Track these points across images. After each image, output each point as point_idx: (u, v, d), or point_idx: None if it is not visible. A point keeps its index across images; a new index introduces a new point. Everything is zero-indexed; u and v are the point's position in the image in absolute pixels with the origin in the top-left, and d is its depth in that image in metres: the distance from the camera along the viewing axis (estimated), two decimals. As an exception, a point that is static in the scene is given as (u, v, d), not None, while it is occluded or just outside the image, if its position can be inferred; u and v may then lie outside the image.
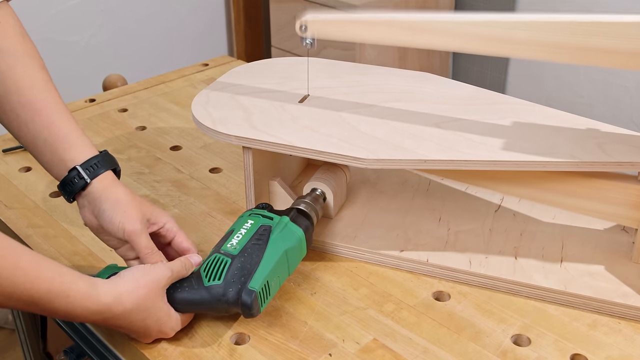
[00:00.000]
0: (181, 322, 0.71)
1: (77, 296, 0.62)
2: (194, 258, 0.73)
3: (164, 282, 0.68)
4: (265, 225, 0.73)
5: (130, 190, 0.76)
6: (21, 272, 0.59)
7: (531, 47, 0.70)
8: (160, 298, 0.68)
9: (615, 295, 0.74)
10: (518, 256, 0.80)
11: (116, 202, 0.73)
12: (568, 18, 0.67)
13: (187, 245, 0.76)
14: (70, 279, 0.63)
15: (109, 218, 0.72)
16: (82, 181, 0.73)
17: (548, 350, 0.69)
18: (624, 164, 0.72)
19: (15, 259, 0.59)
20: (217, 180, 1.00)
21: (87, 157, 0.74)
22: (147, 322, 0.68)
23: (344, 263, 0.82)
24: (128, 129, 1.15)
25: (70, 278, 0.63)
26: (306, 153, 0.78)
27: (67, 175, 0.74)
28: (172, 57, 2.35)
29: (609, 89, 1.98)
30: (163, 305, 0.68)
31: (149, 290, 0.67)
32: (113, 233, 0.73)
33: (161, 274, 0.68)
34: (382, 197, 0.92)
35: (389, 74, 0.96)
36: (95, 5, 2.13)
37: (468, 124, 0.81)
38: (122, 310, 0.65)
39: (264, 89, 0.92)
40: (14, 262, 0.59)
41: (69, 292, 0.62)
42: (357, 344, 0.70)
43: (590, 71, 2.00)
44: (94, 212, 0.74)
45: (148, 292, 0.67)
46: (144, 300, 0.66)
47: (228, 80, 0.95)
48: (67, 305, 0.62)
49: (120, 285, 0.66)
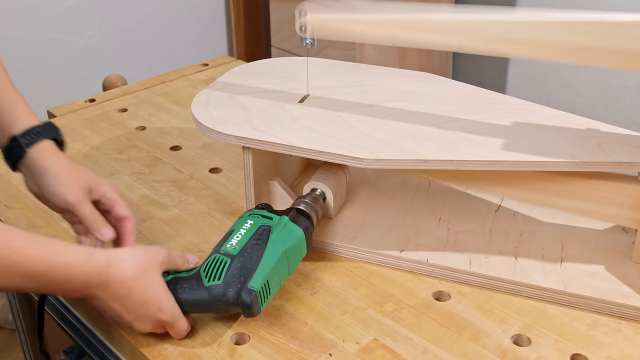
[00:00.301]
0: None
1: (75, 262, 0.63)
2: (190, 257, 0.74)
3: (161, 257, 0.69)
4: (264, 225, 0.73)
5: (70, 159, 0.76)
6: (12, 250, 0.60)
7: (531, 46, 0.70)
8: (158, 274, 0.68)
9: (615, 295, 0.74)
10: (518, 256, 0.80)
11: (57, 173, 0.74)
12: (568, 18, 0.67)
13: (125, 214, 0.77)
14: (64, 247, 0.63)
15: (51, 189, 0.74)
16: (19, 149, 0.74)
17: (548, 350, 0.69)
18: (623, 164, 0.72)
19: (5, 238, 0.60)
20: (217, 180, 1.00)
21: (27, 126, 0.75)
22: (147, 295, 0.67)
23: (344, 263, 0.82)
24: (128, 129, 1.15)
25: (64, 246, 0.63)
26: (306, 153, 0.78)
27: (7, 145, 0.75)
28: (172, 57, 2.35)
29: (609, 89, 1.98)
30: (162, 283, 0.68)
31: (148, 259, 0.67)
32: (57, 203, 0.74)
33: (158, 249, 0.69)
34: (382, 197, 0.92)
35: (389, 74, 0.96)
36: (94, 5, 2.13)
37: (468, 124, 0.81)
38: (121, 275, 0.65)
39: (264, 89, 0.92)
40: (4, 241, 0.59)
41: (66, 259, 0.62)
42: (357, 344, 0.70)
43: (591, 71, 2.00)
44: (35, 181, 0.76)
45: (147, 260, 0.67)
46: (143, 267, 0.66)
47: (228, 80, 0.95)
48: (66, 273, 0.62)
49: (118, 252, 0.67)
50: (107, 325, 0.74)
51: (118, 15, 2.20)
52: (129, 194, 0.97)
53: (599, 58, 0.68)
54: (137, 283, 0.66)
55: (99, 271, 0.64)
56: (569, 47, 0.68)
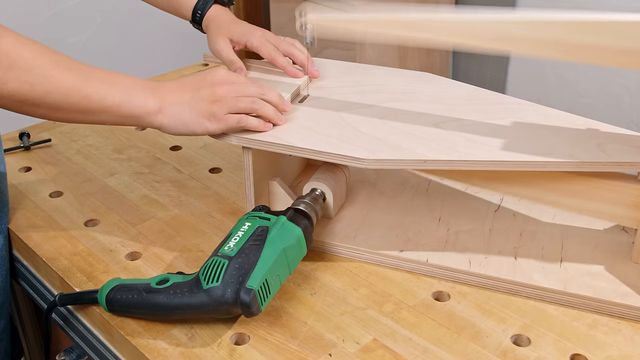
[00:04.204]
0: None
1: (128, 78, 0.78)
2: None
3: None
4: (262, 226, 0.74)
5: (230, 18, 0.96)
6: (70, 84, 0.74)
7: (531, 45, 0.70)
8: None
9: (615, 295, 0.74)
10: (518, 256, 0.80)
11: (212, 29, 0.95)
12: (568, 17, 0.67)
13: (268, 57, 0.93)
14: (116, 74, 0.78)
15: (208, 43, 0.95)
16: (199, 17, 0.98)
17: (548, 350, 0.69)
18: (623, 164, 0.72)
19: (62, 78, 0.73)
20: (217, 181, 1.00)
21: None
22: (197, 75, 0.80)
23: (344, 263, 0.82)
24: (128, 129, 1.15)
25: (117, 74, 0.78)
26: (306, 153, 0.78)
27: (192, 17, 0.98)
28: (172, 57, 2.35)
29: (608, 88, 1.98)
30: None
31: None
32: (212, 51, 0.96)
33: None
34: (382, 197, 0.92)
35: (389, 74, 0.96)
36: (94, 5, 2.13)
37: (468, 124, 0.81)
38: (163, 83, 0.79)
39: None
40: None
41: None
42: (357, 344, 0.70)
43: (591, 71, 1.99)
44: (208, 37, 0.97)
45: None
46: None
47: (228, 80, 0.95)
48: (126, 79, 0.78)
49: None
50: (108, 325, 0.75)
51: (118, 15, 2.19)
52: (129, 194, 0.97)
53: (599, 56, 0.68)
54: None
55: (149, 86, 0.78)
56: (568, 45, 0.68)
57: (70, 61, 0.75)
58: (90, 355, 0.81)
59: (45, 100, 0.72)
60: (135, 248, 0.85)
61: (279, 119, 0.81)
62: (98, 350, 0.78)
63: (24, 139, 1.11)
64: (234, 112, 0.78)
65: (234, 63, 0.93)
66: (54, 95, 0.72)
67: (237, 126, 0.79)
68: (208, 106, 0.78)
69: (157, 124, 0.78)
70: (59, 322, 0.84)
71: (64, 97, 0.73)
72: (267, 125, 0.80)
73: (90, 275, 0.81)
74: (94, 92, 0.74)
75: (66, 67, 0.74)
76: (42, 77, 0.71)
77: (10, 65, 0.70)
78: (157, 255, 0.84)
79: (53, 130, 1.16)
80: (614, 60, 0.68)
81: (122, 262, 0.83)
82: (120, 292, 0.72)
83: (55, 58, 0.73)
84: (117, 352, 0.75)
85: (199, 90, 0.78)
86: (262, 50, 0.93)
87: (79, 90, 0.73)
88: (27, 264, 0.90)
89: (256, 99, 0.79)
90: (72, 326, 0.81)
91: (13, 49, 0.70)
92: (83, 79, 0.74)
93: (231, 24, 0.95)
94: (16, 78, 0.70)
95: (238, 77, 0.82)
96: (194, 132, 0.79)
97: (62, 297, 0.77)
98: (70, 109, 0.74)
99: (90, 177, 1.02)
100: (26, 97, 0.71)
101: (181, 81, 0.80)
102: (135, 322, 0.73)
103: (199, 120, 0.78)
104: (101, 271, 0.81)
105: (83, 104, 0.74)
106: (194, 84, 0.79)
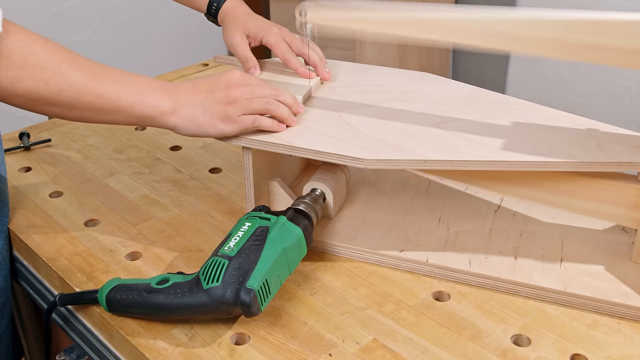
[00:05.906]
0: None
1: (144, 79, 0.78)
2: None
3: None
4: (262, 226, 0.74)
5: (246, 11, 0.97)
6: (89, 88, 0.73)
7: (531, 44, 0.70)
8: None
9: (615, 295, 0.74)
10: (518, 256, 0.80)
11: (227, 23, 0.96)
12: (568, 16, 0.67)
13: (281, 57, 0.93)
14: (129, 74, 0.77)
15: (224, 38, 0.95)
16: (215, 11, 0.98)
17: (548, 350, 0.69)
18: (623, 164, 0.72)
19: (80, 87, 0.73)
20: (217, 181, 1.00)
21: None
22: (211, 76, 0.80)
23: (344, 263, 0.82)
24: (128, 129, 1.15)
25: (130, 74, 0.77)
26: (306, 153, 0.78)
27: (207, 11, 1.00)
28: (172, 57, 2.35)
29: (608, 88, 1.98)
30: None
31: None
32: (228, 48, 0.95)
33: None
34: (382, 197, 0.92)
35: (389, 74, 0.96)
36: (94, 5, 2.13)
37: (468, 124, 0.81)
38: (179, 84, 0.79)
39: (263, 89, 0.92)
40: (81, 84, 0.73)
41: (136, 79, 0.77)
42: (357, 344, 0.70)
43: (591, 71, 2.00)
44: (223, 30, 0.97)
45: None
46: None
47: (228, 80, 0.95)
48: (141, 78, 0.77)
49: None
50: (108, 325, 0.75)
51: (118, 15, 2.20)
52: (129, 194, 0.97)
53: (598, 56, 0.68)
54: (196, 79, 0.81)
55: (164, 88, 0.78)
56: (568, 44, 0.68)
57: (83, 59, 0.74)
58: (90, 355, 0.81)
59: (59, 98, 0.72)
60: (136, 248, 0.85)
61: (292, 120, 0.81)
62: (98, 350, 0.78)
63: (24, 139, 1.11)
64: (248, 114, 0.78)
65: (248, 60, 0.92)
66: (68, 93, 0.72)
67: (251, 127, 0.78)
68: (222, 108, 0.77)
69: (171, 125, 0.78)
70: (59, 322, 0.84)
71: (78, 96, 0.72)
72: (280, 125, 0.80)
73: (91, 275, 0.81)
74: (107, 92, 0.74)
75: (79, 65, 0.73)
76: (56, 75, 0.71)
77: (24, 63, 0.69)
78: (157, 255, 0.84)
79: (53, 130, 1.16)
80: (614, 59, 0.68)
81: (122, 262, 0.83)
82: (120, 292, 0.72)
83: (69, 56, 0.73)
84: (117, 352, 0.75)
85: (214, 91, 0.78)
86: (276, 49, 0.93)
87: (93, 89, 0.73)
88: (27, 264, 0.91)
89: (270, 100, 0.79)
90: (72, 326, 0.81)
91: (25, 46, 0.70)
92: (97, 77, 0.73)
93: (248, 18, 0.95)
94: (30, 76, 0.69)
95: (252, 79, 0.81)
96: (207, 133, 0.78)
97: (62, 297, 0.77)
98: (84, 108, 0.74)
99: (91, 177, 1.02)
100: (40, 95, 0.71)
101: (195, 82, 0.79)
102: (135, 322, 0.73)
103: (213, 122, 0.77)
104: (101, 271, 0.81)
105: (97, 103, 0.74)
106: (208, 85, 0.79)
